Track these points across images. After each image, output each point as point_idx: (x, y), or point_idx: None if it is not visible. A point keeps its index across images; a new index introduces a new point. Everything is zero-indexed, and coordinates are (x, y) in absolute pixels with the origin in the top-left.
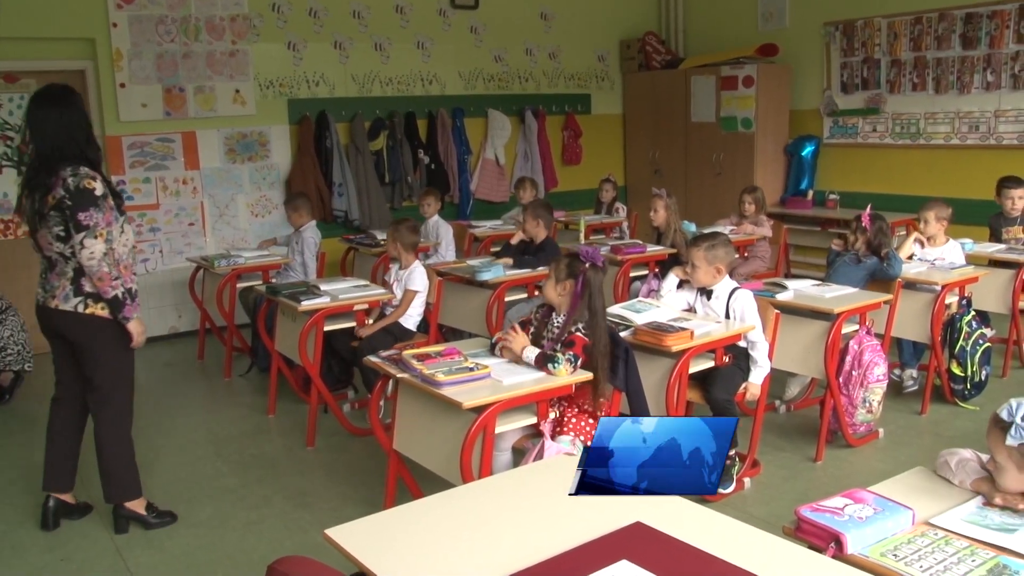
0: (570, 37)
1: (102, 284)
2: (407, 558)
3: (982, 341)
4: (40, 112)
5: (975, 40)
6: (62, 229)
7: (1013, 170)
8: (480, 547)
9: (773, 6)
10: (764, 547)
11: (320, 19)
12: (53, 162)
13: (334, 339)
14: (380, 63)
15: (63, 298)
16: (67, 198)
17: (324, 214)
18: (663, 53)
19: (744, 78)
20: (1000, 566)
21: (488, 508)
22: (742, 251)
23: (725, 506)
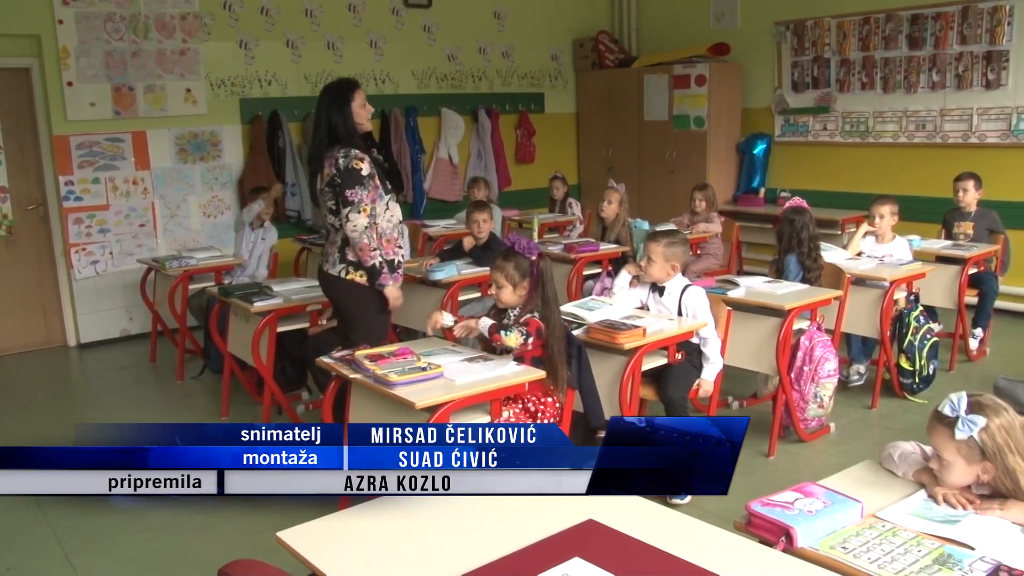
0: (523, 36)
1: (363, 254)
2: (360, 560)
3: (929, 336)
4: (322, 99)
5: (921, 41)
6: (333, 204)
7: (958, 168)
8: (433, 547)
9: (725, 6)
10: (715, 542)
11: (272, 18)
12: (328, 143)
13: (287, 340)
14: (333, 62)
15: (332, 264)
16: (337, 176)
17: (277, 214)
18: (616, 52)
19: (696, 77)
20: (944, 555)
21: (442, 508)
22: (694, 248)
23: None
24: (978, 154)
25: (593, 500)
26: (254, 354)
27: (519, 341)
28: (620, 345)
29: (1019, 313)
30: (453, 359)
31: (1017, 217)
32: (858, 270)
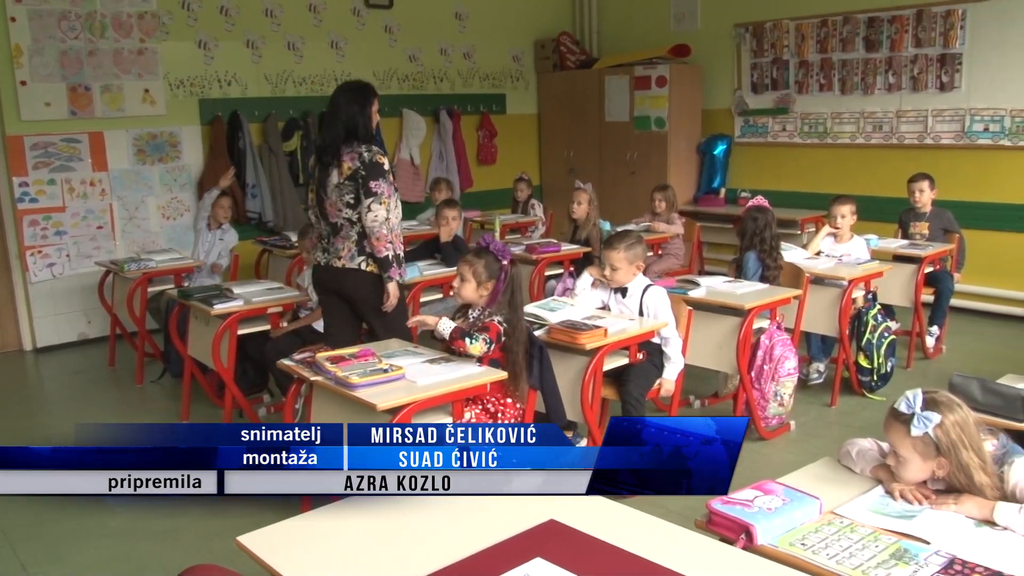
0: (485, 37)
1: (378, 244)
2: (321, 562)
3: (887, 334)
4: (342, 98)
5: (877, 43)
6: (353, 197)
7: (914, 168)
8: (395, 549)
9: (685, 7)
10: (676, 541)
11: (231, 17)
12: (346, 139)
13: (248, 343)
14: (293, 62)
15: (348, 258)
16: (361, 169)
17: (237, 216)
18: (577, 53)
19: (657, 78)
20: (901, 550)
21: (403, 509)
22: (656, 249)
23: (641, 501)
24: (933, 155)
25: (554, 500)
26: (215, 357)
27: (483, 350)
28: (582, 345)
29: (974, 311)
30: (414, 361)
31: (971, 216)
32: (817, 269)
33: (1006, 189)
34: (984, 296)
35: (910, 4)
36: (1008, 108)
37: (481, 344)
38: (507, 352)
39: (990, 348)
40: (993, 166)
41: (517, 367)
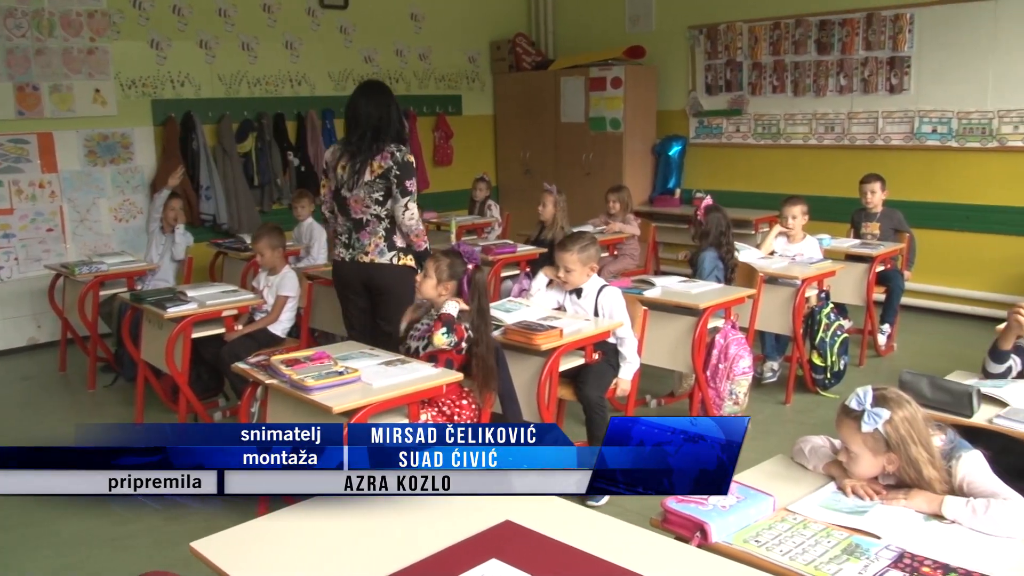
0: (440, 38)
1: (417, 239)
2: (276, 567)
3: (840, 332)
4: (365, 98)
5: (829, 46)
6: (382, 194)
7: (865, 168)
8: (350, 552)
9: (640, 9)
10: (632, 540)
11: (184, 17)
12: (381, 138)
13: (202, 346)
14: (248, 63)
15: (378, 253)
16: (395, 168)
17: (191, 218)
18: (533, 54)
19: (612, 79)
20: (852, 545)
21: (359, 512)
22: (611, 250)
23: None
24: (883, 155)
25: (510, 501)
26: (168, 361)
27: (444, 342)
28: (537, 346)
29: (924, 309)
30: (370, 363)
31: (921, 216)
32: (770, 269)
33: (953, 189)
34: (934, 294)
35: (860, 8)
36: (955, 110)
37: (452, 338)
38: (476, 358)
39: (940, 345)
40: (941, 167)
41: (488, 372)
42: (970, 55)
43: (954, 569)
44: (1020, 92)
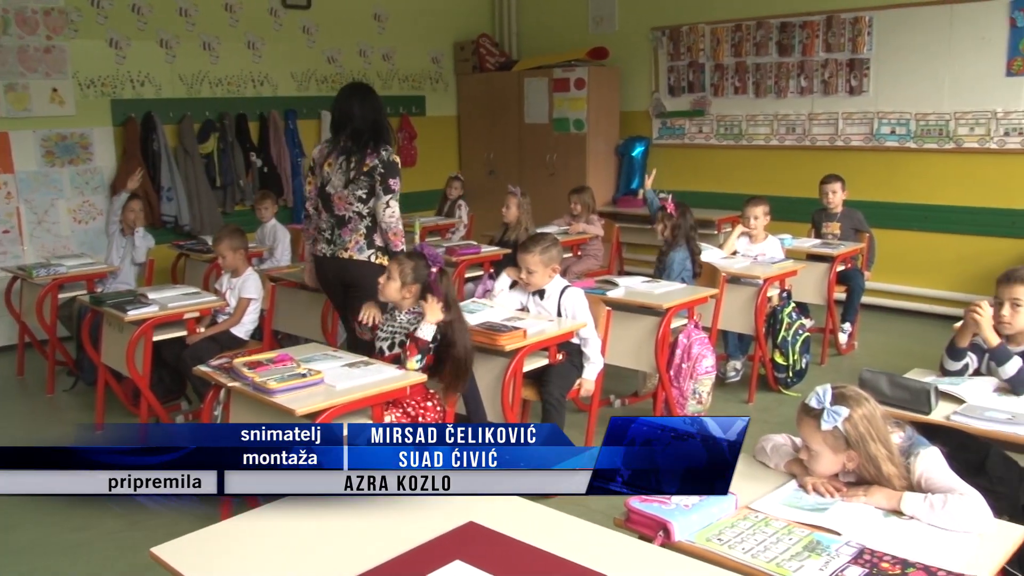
0: (404, 38)
1: (395, 238)
2: (239, 572)
3: (802, 331)
4: (355, 99)
5: (789, 48)
6: (366, 192)
7: (826, 169)
8: (313, 555)
9: (603, 11)
10: (596, 540)
11: (144, 16)
12: (370, 138)
13: (164, 349)
14: (209, 63)
15: (357, 250)
16: (380, 167)
17: (153, 219)
18: (497, 55)
19: (576, 80)
20: (814, 542)
21: (323, 515)
22: (575, 250)
23: (565, 501)
24: (843, 156)
25: (474, 502)
26: (129, 365)
27: (416, 367)
28: (501, 347)
29: (885, 308)
30: (333, 365)
31: (880, 216)
32: (733, 269)
33: (912, 190)
34: (893, 293)
35: (820, 10)
36: (913, 112)
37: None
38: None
39: (899, 343)
40: (900, 168)
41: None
42: (927, 58)
43: (912, 564)
44: (975, 95)
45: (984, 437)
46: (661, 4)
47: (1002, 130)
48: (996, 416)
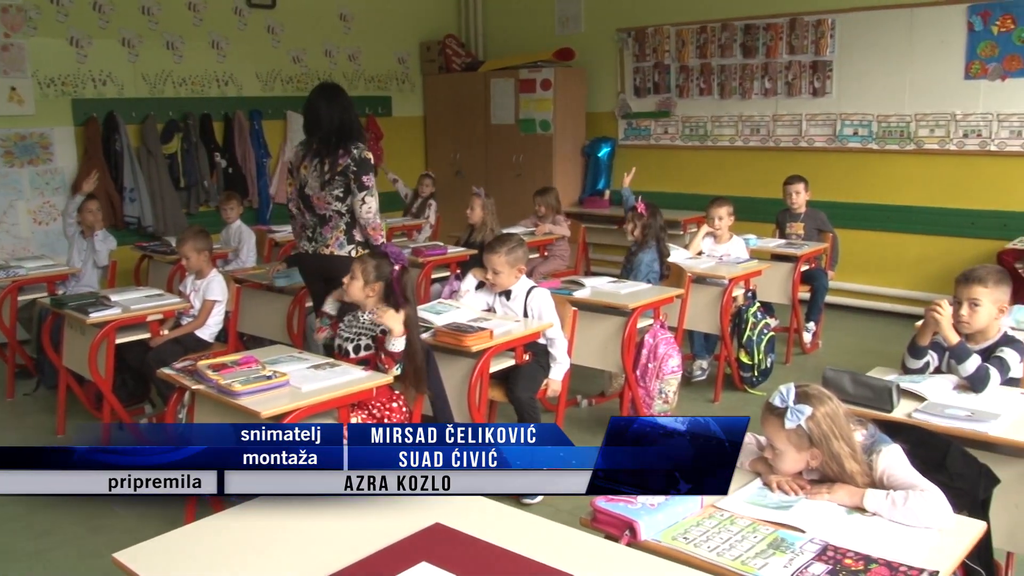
0: (370, 39)
1: (374, 233)
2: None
3: (767, 331)
4: (323, 101)
5: (754, 50)
6: (343, 191)
7: (790, 170)
8: (278, 558)
9: (569, 12)
10: (562, 540)
11: (106, 14)
12: (340, 139)
13: (127, 352)
14: (172, 62)
15: (337, 246)
16: (353, 165)
17: (115, 220)
18: (463, 56)
19: (542, 81)
20: (778, 540)
21: (288, 517)
22: (541, 251)
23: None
24: (807, 157)
25: (440, 504)
26: (91, 368)
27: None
28: (467, 348)
29: (848, 307)
30: (299, 367)
31: (843, 216)
32: (698, 269)
33: (874, 190)
34: (856, 293)
35: (784, 13)
36: (875, 113)
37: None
38: (407, 360)
39: (862, 342)
40: (862, 168)
41: (419, 374)
42: (888, 61)
43: (875, 560)
44: (935, 97)
45: (944, 434)
46: (627, 5)
47: (961, 132)
48: (956, 413)
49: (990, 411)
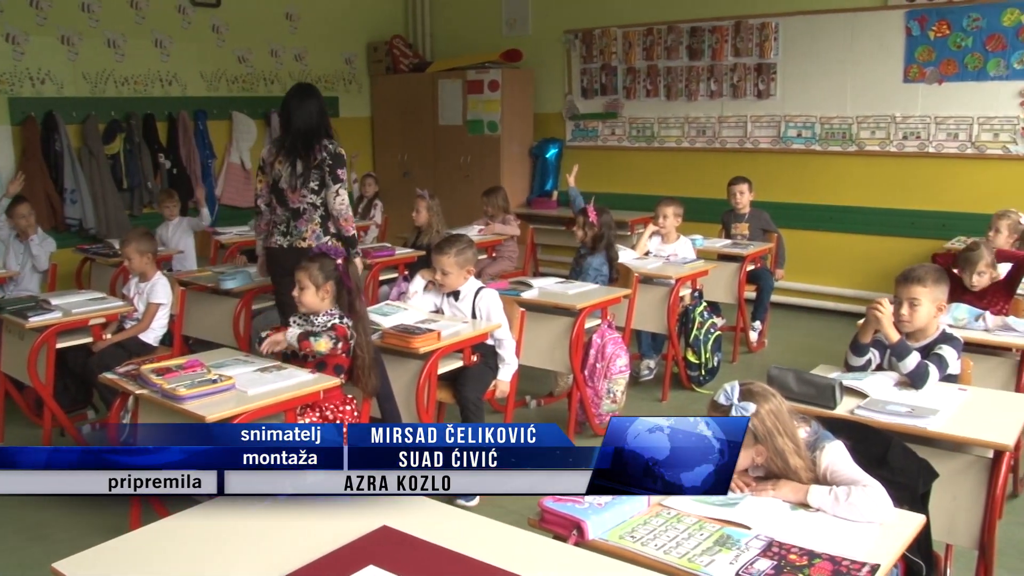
0: (316, 39)
1: (346, 224)
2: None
3: (713, 330)
4: (296, 101)
5: (700, 52)
6: (318, 184)
7: (736, 171)
8: (222, 565)
9: (516, 13)
10: (510, 541)
11: (43, 10)
12: (312, 136)
13: (69, 357)
14: (114, 61)
15: (314, 238)
16: (328, 159)
17: (56, 223)
18: (410, 56)
19: (490, 82)
20: (724, 537)
21: (234, 523)
22: (490, 251)
23: (480, 502)
24: (752, 158)
25: (387, 507)
26: (31, 373)
27: (328, 347)
28: (415, 349)
29: (793, 306)
30: (245, 370)
31: (787, 217)
32: (646, 269)
33: (817, 191)
34: (801, 292)
35: (729, 15)
36: (818, 115)
37: (326, 340)
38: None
39: (807, 340)
40: (806, 169)
41: (362, 369)
42: (831, 64)
43: (819, 555)
44: (876, 100)
45: (885, 430)
46: (574, 7)
47: (900, 134)
48: (897, 410)
49: (929, 407)
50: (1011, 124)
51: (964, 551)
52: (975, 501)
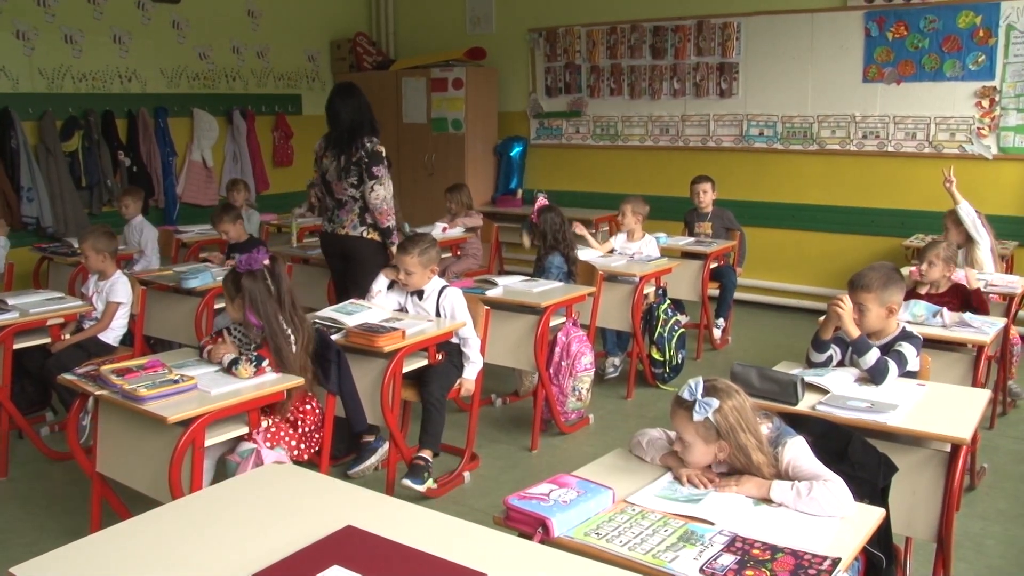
0: (279, 36)
1: (381, 217)
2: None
3: (677, 327)
4: (339, 99)
5: (663, 51)
6: (356, 179)
7: (699, 169)
8: (187, 567)
9: (480, 11)
10: (475, 539)
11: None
12: (354, 133)
13: (26, 358)
14: (72, 57)
15: (352, 227)
16: (365, 157)
17: (12, 221)
18: (374, 54)
19: (454, 80)
20: (688, 532)
21: (195, 524)
22: (454, 250)
23: (446, 501)
24: (715, 157)
25: (351, 506)
26: None
27: (250, 373)
28: (380, 348)
29: (756, 303)
30: (207, 370)
31: (749, 215)
32: (610, 267)
33: (779, 189)
34: (763, 289)
35: (691, 15)
36: (779, 114)
37: (245, 366)
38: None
39: (770, 337)
40: (768, 168)
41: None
42: (792, 63)
43: (781, 549)
44: (836, 99)
45: (846, 425)
46: (537, 6)
47: (860, 133)
48: (857, 405)
49: (889, 402)
50: (967, 124)
51: (923, 544)
52: (933, 494)
